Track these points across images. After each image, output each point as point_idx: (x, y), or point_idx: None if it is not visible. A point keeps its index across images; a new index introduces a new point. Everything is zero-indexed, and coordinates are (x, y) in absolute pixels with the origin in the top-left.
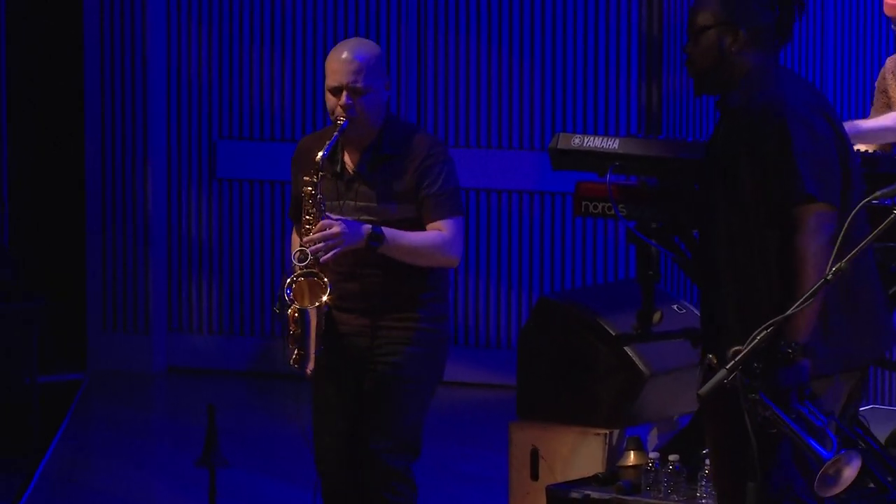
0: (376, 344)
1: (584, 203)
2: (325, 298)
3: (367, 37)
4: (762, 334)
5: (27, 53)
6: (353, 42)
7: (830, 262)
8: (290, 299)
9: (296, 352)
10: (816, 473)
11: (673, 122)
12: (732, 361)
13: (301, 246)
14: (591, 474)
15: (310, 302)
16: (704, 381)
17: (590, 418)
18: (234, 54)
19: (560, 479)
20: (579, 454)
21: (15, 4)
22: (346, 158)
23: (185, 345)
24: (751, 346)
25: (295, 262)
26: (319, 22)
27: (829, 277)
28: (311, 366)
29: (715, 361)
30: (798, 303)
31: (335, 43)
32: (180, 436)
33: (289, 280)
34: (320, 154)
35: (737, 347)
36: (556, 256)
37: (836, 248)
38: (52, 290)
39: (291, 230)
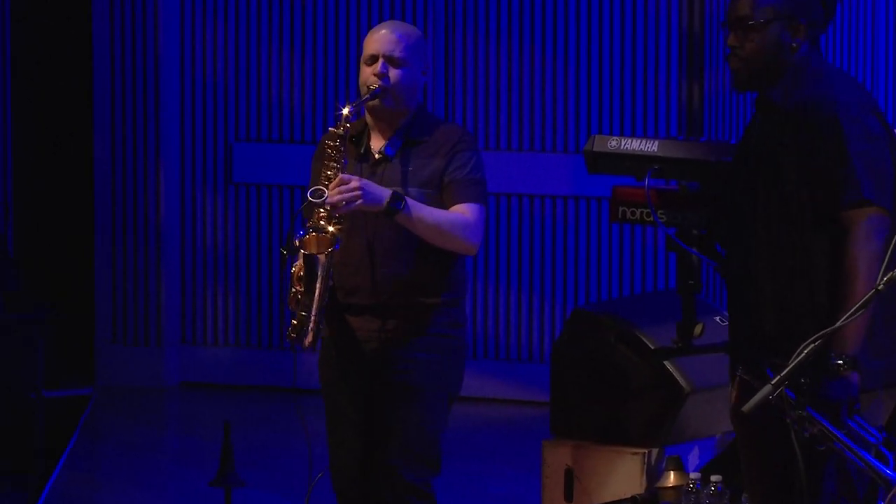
0: (388, 351)
1: (621, 209)
2: (330, 249)
3: None
4: (810, 347)
5: (31, 53)
6: (395, 21)
7: (882, 271)
8: (299, 243)
9: (295, 320)
10: (881, 494)
11: (715, 123)
12: (778, 376)
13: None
14: (628, 496)
15: (317, 250)
16: (739, 398)
17: (627, 436)
18: (250, 52)
19: (595, 500)
20: (616, 474)
21: (20, 2)
22: (373, 142)
23: (199, 358)
24: (798, 359)
25: (308, 196)
26: (342, 20)
27: (880, 287)
28: (308, 339)
29: (748, 378)
30: (849, 313)
31: (357, 44)
32: (194, 454)
33: (302, 229)
34: (347, 108)
35: (778, 361)
36: (591, 265)
37: (888, 255)
38: (58, 300)
39: None
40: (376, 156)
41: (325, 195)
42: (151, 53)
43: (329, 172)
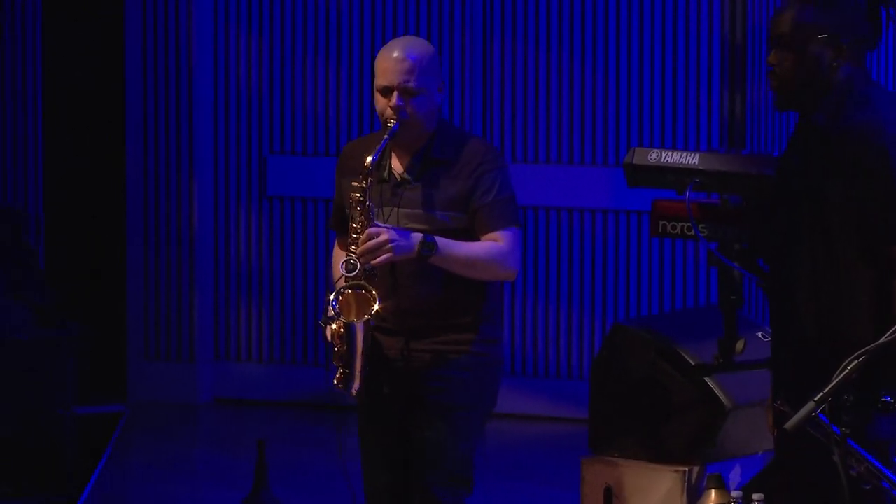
0: (422, 370)
1: (661, 223)
2: (376, 307)
3: None
4: (853, 364)
5: (63, 64)
6: (406, 40)
7: None
8: (336, 312)
9: (339, 371)
10: None
11: (758, 135)
12: (821, 393)
13: (347, 255)
14: None
15: (357, 316)
16: (776, 425)
17: (667, 454)
18: (285, 64)
19: None
20: (656, 492)
21: (52, 12)
22: (394, 163)
23: (233, 374)
24: (841, 376)
25: (343, 272)
26: (378, 31)
27: None
28: (356, 385)
29: (786, 410)
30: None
31: None
32: (227, 472)
33: (335, 292)
34: (369, 158)
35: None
36: (631, 280)
37: None
38: (90, 315)
39: (335, 243)
40: (398, 178)
41: (359, 267)
42: (185, 66)
43: (356, 225)
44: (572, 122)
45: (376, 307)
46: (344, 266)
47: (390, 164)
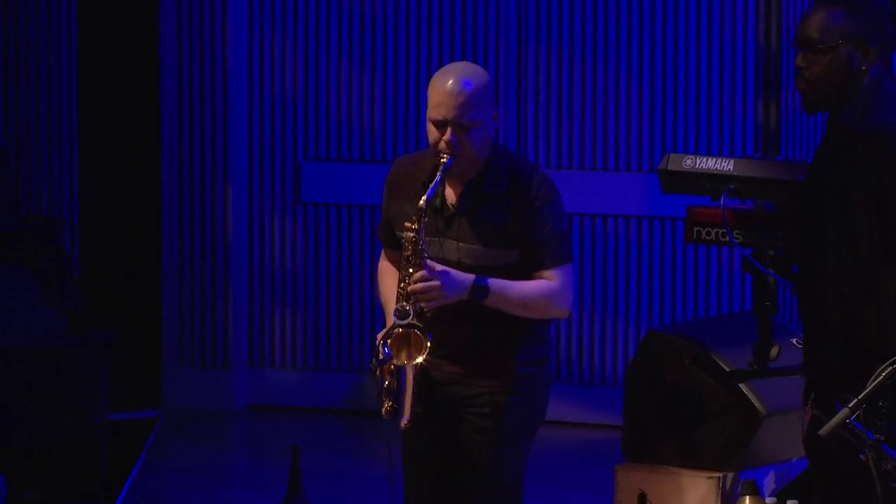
0: (471, 393)
1: (695, 229)
2: (421, 360)
3: (462, 54)
4: (889, 370)
5: (98, 71)
6: (460, 69)
7: None
8: (386, 356)
9: (390, 403)
10: None
11: (792, 142)
12: (856, 400)
13: (399, 289)
14: None
15: (408, 358)
16: (810, 429)
17: (701, 460)
18: (320, 69)
19: None
20: (690, 499)
21: (87, 18)
22: (447, 192)
23: (267, 381)
24: (876, 382)
25: (395, 318)
26: (412, 37)
27: None
28: (405, 420)
29: (817, 412)
30: None
31: (428, 59)
32: (261, 478)
33: (384, 334)
34: (423, 199)
35: (848, 396)
36: (665, 286)
37: None
38: (124, 322)
39: (380, 254)
40: (451, 208)
41: (411, 315)
42: (220, 72)
43: (407, 264)
44: (607, 129)
45: (422, 359)
46: (396, 314)
47: (443, 194)
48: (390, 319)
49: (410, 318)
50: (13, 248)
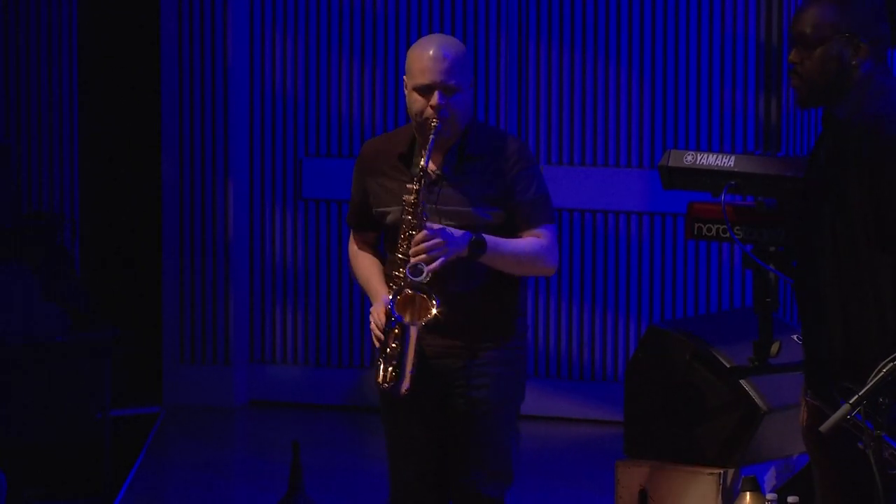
0: (463, 368)
1: (696, 225)
2: (435, 311)
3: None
4: (889, 366)
5: (101, 68)
6: (438, 38)
7: None
8: (396, 318)
9: (390, 370)
10: None
11: (793, 138)
12: (856, 396)
13: (399, 255)
14: None
15: (418, 316)
16: (809, 421)
17: (702, 457)
18: (320, 66)
19: None
20: (690, 495)
21: (88, 15)
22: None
23: (269, 377)
24: (877, 378)
25: (409, 276)
26: (413, 34)
27: None
28: (405, 385)
29: (816, 402)
30: None
31: None
32: (262, 475)
33: (393, 294)
34: (422, 162)
35: (847, 384)
36: (666, 282)
37: None
38: (125, 318)
39: (349, 240)
40: (432, 175)
41: (426, 271)
42: (220, 68)
43: (406, 227)
44: (608, 125)
45: (435, 311)
46: (411, 271)
47: (420, 160)
48: (375, 297)
49: (425, 274)
50: (14, 246)
